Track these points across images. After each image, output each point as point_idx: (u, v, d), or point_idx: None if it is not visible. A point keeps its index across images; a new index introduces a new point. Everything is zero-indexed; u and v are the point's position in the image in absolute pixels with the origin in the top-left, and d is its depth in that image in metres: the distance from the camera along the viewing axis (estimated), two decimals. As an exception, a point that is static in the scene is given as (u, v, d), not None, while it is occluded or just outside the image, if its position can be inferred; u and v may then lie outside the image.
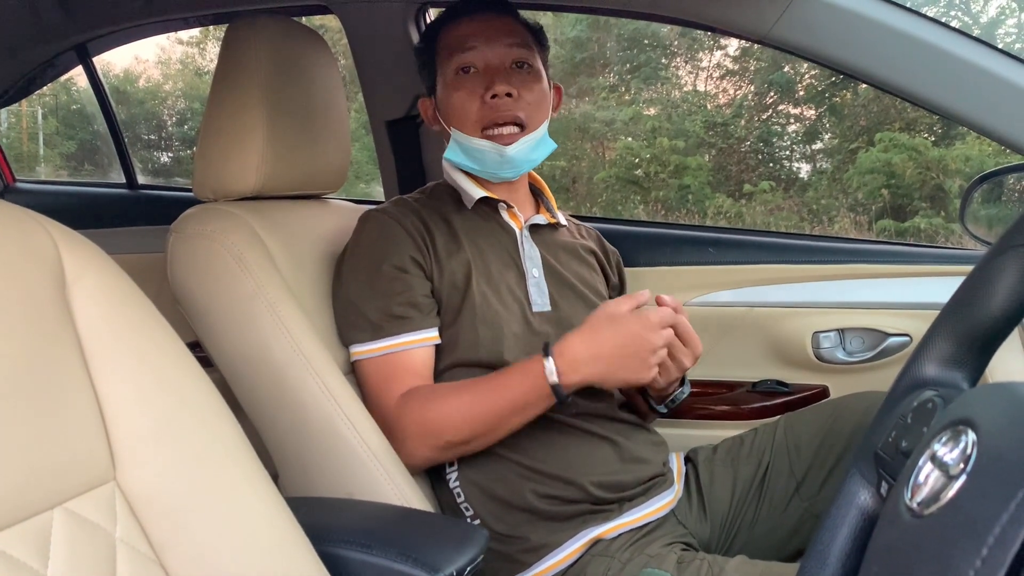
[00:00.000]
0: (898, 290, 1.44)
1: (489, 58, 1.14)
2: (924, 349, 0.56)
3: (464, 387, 1.05)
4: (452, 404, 1.04)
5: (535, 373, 0.99)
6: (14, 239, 0.64)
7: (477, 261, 1.14)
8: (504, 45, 1.15)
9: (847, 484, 0.54)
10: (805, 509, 1.14)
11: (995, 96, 1.05)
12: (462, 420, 1.03)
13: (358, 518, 0.91)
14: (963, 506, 0.38)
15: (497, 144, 1.13)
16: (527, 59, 1.17)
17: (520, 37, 1.17)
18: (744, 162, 9.14)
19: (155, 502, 0.66)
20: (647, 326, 0.98)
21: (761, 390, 1.49)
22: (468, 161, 1.16)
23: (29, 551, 0.57)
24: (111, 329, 0.66)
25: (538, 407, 1.01)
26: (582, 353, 0.98)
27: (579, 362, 0.98)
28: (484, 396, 1.02)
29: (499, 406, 1.01)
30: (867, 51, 1.10)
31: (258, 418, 1.04)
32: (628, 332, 0.98)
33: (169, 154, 11.20)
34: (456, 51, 1.15)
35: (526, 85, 1.15)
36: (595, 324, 1.00)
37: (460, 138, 1.15)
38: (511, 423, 1.03)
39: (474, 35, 1.15)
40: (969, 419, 0.41)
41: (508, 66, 1.15)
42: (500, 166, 1.15)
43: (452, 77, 1.16)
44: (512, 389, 1.01)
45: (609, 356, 0.98)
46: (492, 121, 1.13)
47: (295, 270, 1.10)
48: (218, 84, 1.10)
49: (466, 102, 1.14)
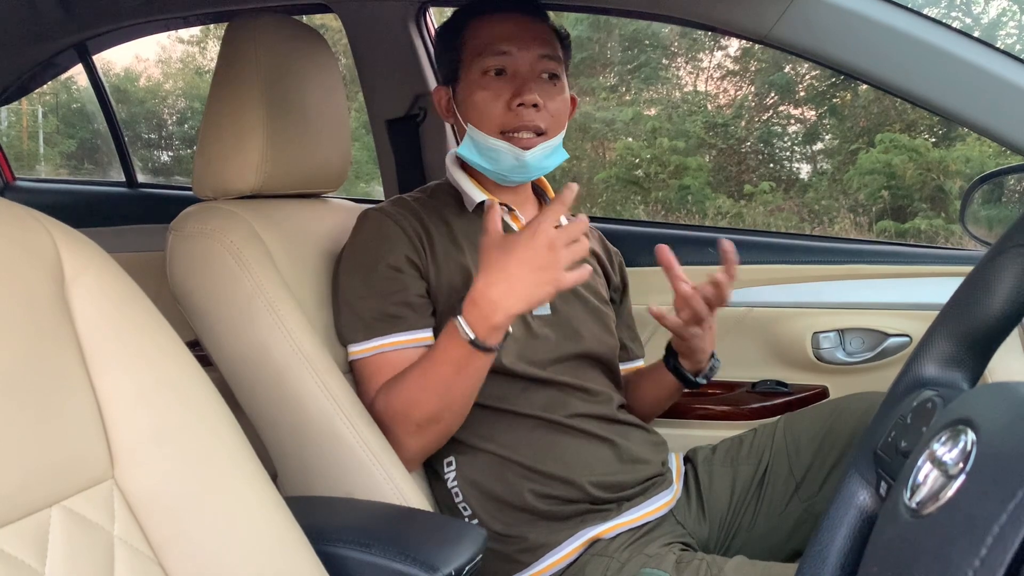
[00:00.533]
0: (898, 291, 1.45)
1: (520, 64, 1.13)
2: (924, 349, 0.56)
3: (413, 365, 1.04)
4: (406, 383, 1.03)
5: (455, 334, 0.97)
6: (13, 237, 0.64)
7: (476, 262, 1.14)
8: (537, 54, 1.13)
9: (846, 484, 0.54)
10: (804, 509, 1.14)
11: (995, 97, 1.05)
12: (419, 396, 1.01)
13: (357, 517, 0.91)
14: (962, 505, 0.38)
15: (515, 147, 1.11)
16: (556, 71, 1.16)
17: (552, 47, 1.15)
18: (744, 163, 9.13)
19: (154, 501, 0.66)
20: (534, 230, 0.93)
21: (761, 390, 1.50)
22: (481, 160, 1.15)
23: (27, 549, 0.57)
24: (110, 327, 0.66)
25: (475, 363, 0.98)
26: (492, 292, 0.94)
27: (494, 302, 0.94)
28: (427, 369, 1.01)
29: (440, 373, 0.99)
30: (867, 51, 1.10)
31: (257, 417, 1.04)
32: (522, 247, 0.93)
33: (169, 153, 11.20)
34: (487, 51, 1.13)
35: (551, 96, 1.14)
36: (489, 258, 0.95)
37: (477, 136, 1.14)
38: (460, 385, 1.00)
39: (508, 38, 1.13)
40: (969, 419, 0.41)
41: (538, 75, 1.13)
42: (514, 169, 1.14)
43: (479, 76, 1.13)
44: (444, 354, 0.99)
45: (517, 280, 0.93)
46: (514, 127, 1.12)
47: (294, 269, 1.10)
48: (218, 82, 1.10)
49: (490, 104, 1.12)
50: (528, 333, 1.13)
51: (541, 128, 1.12)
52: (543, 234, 0.93)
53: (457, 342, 0.96)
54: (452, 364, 0.98)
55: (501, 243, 0.95)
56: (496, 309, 0.94)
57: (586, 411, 1.13)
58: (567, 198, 0.96)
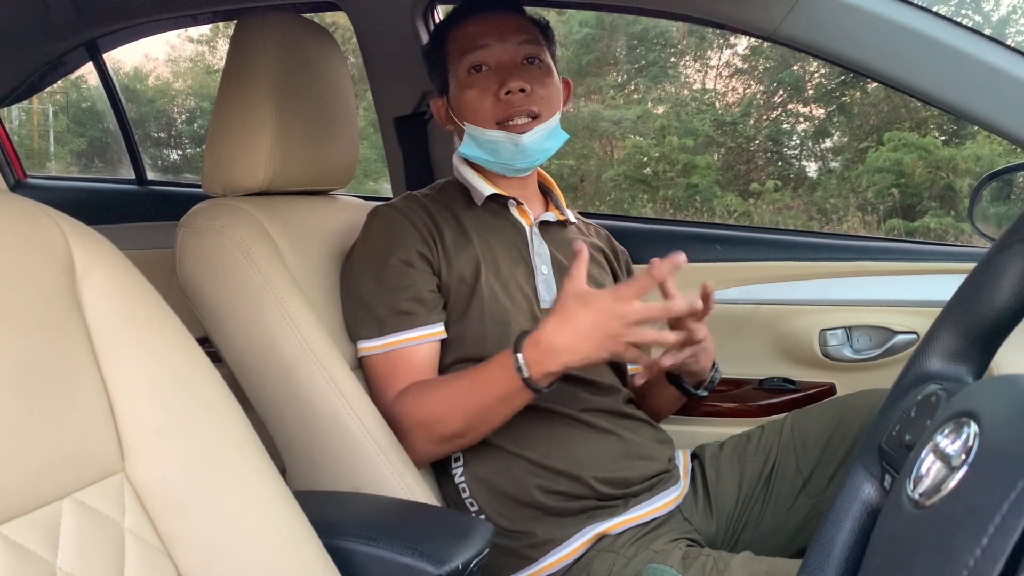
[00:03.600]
0: (905, 288, 1.44)
1: (500, 55, 1.15)
2: (929, 343, 0.56)
3: (450, 380, 1.05)
4: (440, 397, 1.03)
5: (509, 366, 0.96)
6: (24, 232, 0.64)
7: (486, 256, 1.14)
8: (515, 42, 1.16)
9: (851, 478, 0.54)
10: (811, 506, 1.14)
11: (1005, 94, 1.05)
12: (450, 413, 1.02)
13: (365, 512, 0.91)
14: (964, 496, 0.38)
15: (512, 134, 1.13)
16: (537, 54, 1.18)
17: (529, 33, 1.18)
18: (753, 161, 9.11)
19: (163, 494, 0.66)
20: (618, 298, 0.92)
21: (768, 387, 1.49)
22: (483, 153, 1.17)
23: (39, 541, 0.58)
24: (121, 322, 0.67)
25: (521, 398, 0.99)
26: (559, 340, 0.93)
27: (557, 350, 0.94)
28: (467, 390, 1.01)
29: (482, 399, 1.00)
30: (875, 48, 1.10)
31: (266, 413, 1.05)
32: (600, 309, 0.92)
33: (178, 152, 11.24)
34: (467, 50, 1.16)
35: (538, 80, 1.16)
36: (566, 307, 0.94)
37: (474, 131, 1.16)
38: (498, 413, 1.01)
39: (485, 33, 1.16)
40: (972, 411, 0.42)
41: (520, 62, 1.16)
42: (515, 156, 1.15)
43: (465, 75, 1.17)
44: (491, 382, 0.99)
45: (585, 338, 0.92)
46: (507, 116, 1.14)
47: (303, 265, 1.10)
48: (227, 80, 1.11)
49: (480, 98, 1.15)
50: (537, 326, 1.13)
51: (534, 111, 1.14)
52: (627, 306, 0.91)
53: (509, 374, 0.96)
54: (497, 394, 0.99)
55: (582, 296, 0.94)
56: (556, 357, 0.94)
57: (594, 405, 1.13)
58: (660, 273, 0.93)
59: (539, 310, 1.15)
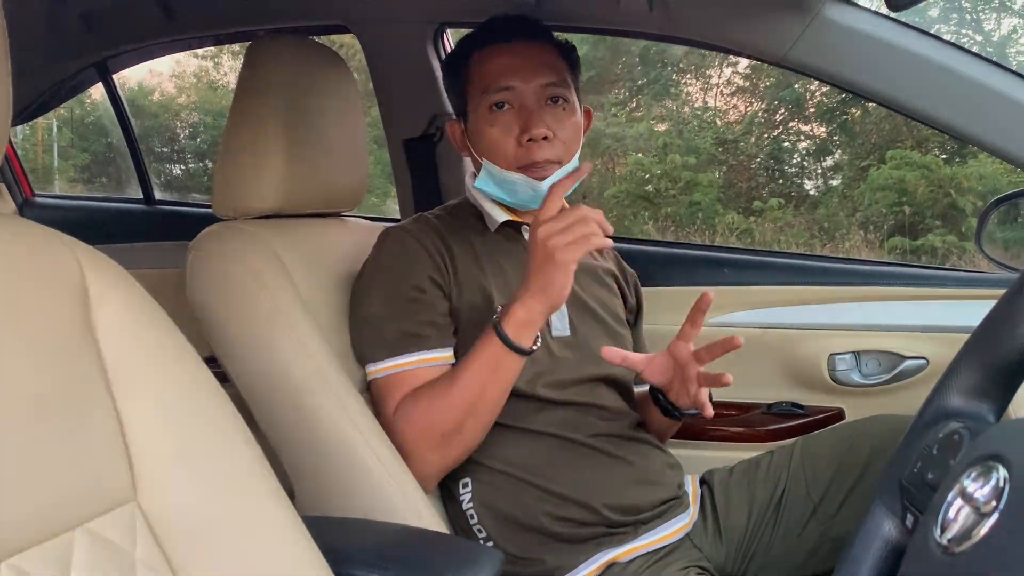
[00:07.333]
0: (915, 313, 1.44)
1: (525, 98, 1.12)
2: (949, 379, 0.55)
3: (440, 376, 1.06)
4: (435, 392, 1.04)
5: (490, 335, 1.00)
6: (39, 260, 0.64)
7: (499, 282, 1.14)
8: (541, 84, 1.12)
9: (872, 515, 0.54)
10: (822, 532, 1.13)
11: (1009, 118, 1.06)
12: (448, 405, 1.02)
13: (374, 539, 0.91)
14: (996, 544, 0.37)
15: (531, 179, 1.11)
16: (563, 95, 1.15)
17: (556, 72, 1.14)
18: (754, 179, 9.12)
19: (175, 523, 0.66)
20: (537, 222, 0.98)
21: (776, 412, 1.49)
22: (500, 192, 1.15)
23: (51, 572, 0.57)
24: (135, 351, 0.67)
25: (507, 364, 1.01)
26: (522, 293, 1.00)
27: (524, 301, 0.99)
28: (455, 373, 1.03)
29: (471, 379, 1.02)
30: (884, 74, 1.10)
31: (275, 436, 1.04)
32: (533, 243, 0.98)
33: (181, 167, 11.26)
34: (491, 87, 1.13)
35: (561, 123, 1.13)
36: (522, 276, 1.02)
37: (493, 170, 1.14)
38: (490, 393, 1.02)
39: (509, 73, 1.12)
40: (1000, 455, 0.41)
41: (544, 103, 1.13)
42: (533, 199, 1.13)
43: (486, 112, 1.13)
44: (476, 360, 1.02)
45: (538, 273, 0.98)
46: (528, 163, 1.11)
47: (313, 289, 1.10)
48: (239, 102, 1.11)
49: (501, 140, 1.12)
50: (548, 354, 1.12)
51: (554, 159, 1.12)
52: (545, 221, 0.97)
53: (490, 341, 1.00)
54: (483, 366, 1.01)
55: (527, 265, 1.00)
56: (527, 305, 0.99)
57: (602, 430, 1.12)
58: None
59: (550, 338, 1.14)
